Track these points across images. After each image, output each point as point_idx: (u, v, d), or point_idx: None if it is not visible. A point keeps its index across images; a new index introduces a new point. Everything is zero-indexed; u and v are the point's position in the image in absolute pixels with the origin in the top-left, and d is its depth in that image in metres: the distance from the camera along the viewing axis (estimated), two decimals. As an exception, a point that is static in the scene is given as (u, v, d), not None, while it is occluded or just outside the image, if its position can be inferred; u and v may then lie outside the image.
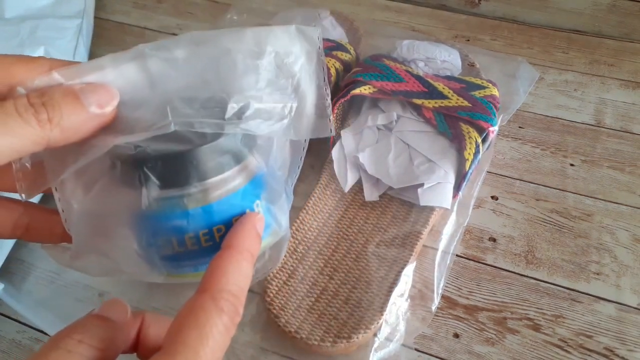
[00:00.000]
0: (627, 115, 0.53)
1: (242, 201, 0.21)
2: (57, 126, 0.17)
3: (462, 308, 0.41)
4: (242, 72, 0.20)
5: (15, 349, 0.40)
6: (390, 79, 0.46)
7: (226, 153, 0.20)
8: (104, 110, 0.18)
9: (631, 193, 0.47)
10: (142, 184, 0.19)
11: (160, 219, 0.20)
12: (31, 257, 0.45)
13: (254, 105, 0.20)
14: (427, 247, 0.43)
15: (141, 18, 0.70)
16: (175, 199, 0.20)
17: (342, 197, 0.45)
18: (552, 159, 0.50)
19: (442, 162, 0.43)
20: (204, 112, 0.19)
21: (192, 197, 0.20)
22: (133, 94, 0.19)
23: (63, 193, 0.21)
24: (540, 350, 0.38)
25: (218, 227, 0.20)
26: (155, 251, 0.20)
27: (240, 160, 0.21)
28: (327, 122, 0.23)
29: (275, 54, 0.21)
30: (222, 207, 0.20)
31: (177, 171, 0.19)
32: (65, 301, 0.42)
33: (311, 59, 0.22)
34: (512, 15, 0.66)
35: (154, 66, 0.19)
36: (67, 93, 0.18)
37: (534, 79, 0.53)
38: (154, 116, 0.19)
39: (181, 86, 0.20)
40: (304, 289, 0.40)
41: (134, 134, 0.18)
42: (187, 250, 0.20)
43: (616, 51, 0.60)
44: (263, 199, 0.22)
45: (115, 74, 0.19)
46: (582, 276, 0.42)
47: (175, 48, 0.19)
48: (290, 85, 0.22)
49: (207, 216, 0.20)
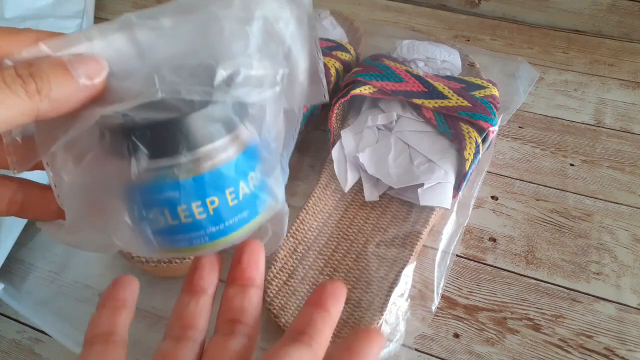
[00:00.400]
0: (627, 115, 0.53)
1: (236, 173, 0.20)
2: (46, 97, 0.17)
3: (462, 308, 0.41)
4: (231, 38, 0.20)
5: (15, 349, 0.40)
6: (390, 79, 0.46)
7: (216, 121, 0.20)
8: (93, 82, 0.18)
9: (631, 193, 0.47)
10: (131, 154, 0.19)
11: (151, 190, 0.19)
12: (31, 257, 0.45)
13: (244, 72, 0.20)
14: (427, 247, 0.43)
15: (141, 18, 0.69)
16: (165, 169, 0.19)
17: (342, 197, 0.45)
18: (552, 159, 0.50)
19: (442, 162, 0.43)
20: (192, 80, 0.19)
21: (183, 167, 0.19)
22: (121, 64, 0.19)
23: (54, 167, 0.20)
24: (540, 350, 0.38)
25: (211, 199, 0.20)
26: (147, 224, 0.20)
27: (232, 130, 0.20)
28: (320, 87, 0.22)
29: (264, 20, 0.20)
30: (215, 178, 0.20)
31: (166, 140, 0.19)
32: (65, 301, 0.42)
33: (302, 24, 0.21)
34: (512, 15, 0.66)
35: (142, 36, 0.19)
36: (56, 64, 0.17)
37: (534, 79, 0.53)
38: (142, 85, 0.18)
39: (169, 55, 0.19)
40: (304, 289, 0.40)
41: (122, 103, 0.18)
42: (180, 223, 0.20)
43: (616, 51, 0.60)
44: (257, 171, 0.21)
45: (103, 44, 0.19)
46: (582, 276, 0.42)
47: (162, 16, 0.19)
48: (280, 51, 0.21)
49: (199, 187, 0.19)
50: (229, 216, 0.20)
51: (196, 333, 0.22)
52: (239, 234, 0.21)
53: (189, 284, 0.23)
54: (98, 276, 0.44)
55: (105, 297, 0.23)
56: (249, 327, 0.22)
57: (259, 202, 0.21)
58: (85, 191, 0.21)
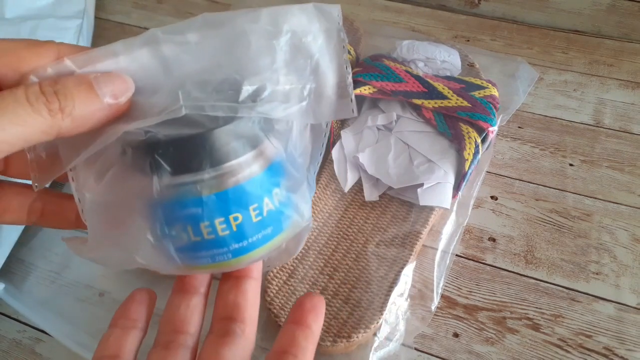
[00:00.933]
0: (627, 115, 0.53)
1: (260, 189, 0.20)
2: (69, 116, 0.17)
3: (461, 308, 0.41)
4: (257, 53, 0.19)
5: (16, 349, 0.40)
6: (390, 79, 0.47)
7: (240, 137, 0.19)
8: (118, 101, 0.18)
9: (630, 193, 0.47)
10: (153, 171, 0.19)
11: (173, 207, 0.19)
12: (31, 257, 0.45)
13: (270, 87, 0.19)
14: (426, 247, 0.43)
15: (141, 18, 0.70)
16: (188, 186, 0.19)
17: (342, 197, 0.45)
18: (552, 159, 0.50)
19: (441, 162, 0.43)
20: (217, 96, 0.19)
21: (206, 184, 0.19)
22: (146, 80, 0.19)
23: (77, 183, 0.20)
24: (540, 349, 0.38)
25: (234, 216, 0.19)
26: (170, 241, 0.20)
27: (256, 146, 0.20)
28: (348, 102, 0.22)
29: (292, 34, 0.20)
30: (238, 195, 0.19)
31: (188, 156, 0.19)
32: (66, 301, 0.42)
33: (331, 38, 0.21)
34: (511, 15, 0.66)
35: (167, 51, 0.19)
36: (81, 82, 0.17)
37: (533, 79, 0.53)
38: (166, 101, 0.18)
39: (195, 70, 0.19)
40: (304, 288, 0.40)
41: (145, 119, 0.18)
42: (203, 240, 0.20)
43: (615, 51, 0.60)
44: (282, 187, 0.21)
45: (129, 60, 0.18)
46: (581, 276, 0.42)
47: (188, 31, 0.19)
48: (308, 65, 0.21)
49: (222, 203, 0.19)
50: (253, 233, 0.20)
51: (187, 338, 0.21)
52: (262, 250, 0.21)
53: (179, 282, 0.23)
54: (98, 276, 0.44)
55: (117, 315, 0.22)
56: (245, 324, 0.21)
57: (284, 218, 0.21)
58: (107, 208, 0.20)
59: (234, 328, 0.21)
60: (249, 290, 0.22)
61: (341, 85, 0.22)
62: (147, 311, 0.22)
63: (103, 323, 0.40)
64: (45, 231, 0.47)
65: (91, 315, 0.41)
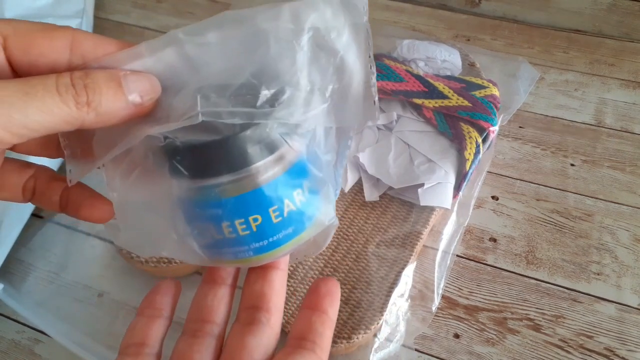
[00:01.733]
0: (628, 115, 0.53)
1: (280, 191, 0.20)
2: (94, 110, 0.17)
3: (462, 308, 0.40)
4: (277, 54, 0.19)
5: (15, 349, 0.40)
6: (391, 79, 0.46)
7: (258, 143, 0.19)
8: (143, 102, 0.18)
9: (632, 193, 0.47)
10: (172, 175, 0.19)
11: (194, 208, 0.20)
12: (30, 257, 0.45)
13: (289, 91, 0.19)
14: (427, 247, 0.43)
15: (141, 18, 0.69)
16: (206, 189, 0.19)
17: (342, 197, 0.45)
18: (553, 159, 0.50)
19: (442, 162, 0.43)
20: (235, 101, 0.19)
21: (224, 188, 0.19)
22: (170, 80, 0.19)
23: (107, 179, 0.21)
24: (541, 350, 0.38)
25: (254, 217, 0.20)
26: (193, 239, 0.20)
27: (275, 149, 0.20)
28: (372, 104, 0.20)
29: (314, 31, 0.19)
30: (257, 197, 0.19)
31: (206, 162, 0.19)
32: (65, 301, 0.42)
33: (356, 33, 0.20)
34: (512, 14, 0.65)
35: (189, 51, 0.19)
36: (111, 79, 0.17)
37: (534, 78, 0.53)
38: (186, 104, 0.18)
39: (215, 72, 0.19)
40: (304, 289, 0.40)
41: (164, 124, 0.18)
42: (225, 238, 0.20)
43: (616, 51, 0.60)
44: (304, 188, 0.21)
45: (154, 60, 0.18)
46: (582, 276, 0.42)
47: (208, 31, 0.19)
48: (331, 64, 0.20)
49: (241, 206, 0.19)
50: (273, 233, 0.20)
51: (214, 327, 0.22)
52: (284, 248, 0.21)
53: (208, 273, 0.23)
54: (97, 276, 0.43)
55: (143, 304, 0.23)
56: (271, 313, 0.21)
57: (306, 218, 0.21)
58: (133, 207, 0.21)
59: (259, 317, 0.21)
60: (275, 280, 0.22)
61: (365, 86, 0.20)
62: (172, 301, 0.23)
63: (102, 323, 0.41)
64: (44, 231, 0.46)
65: (90, 315, 0.41)
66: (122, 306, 0.42)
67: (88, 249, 0.45)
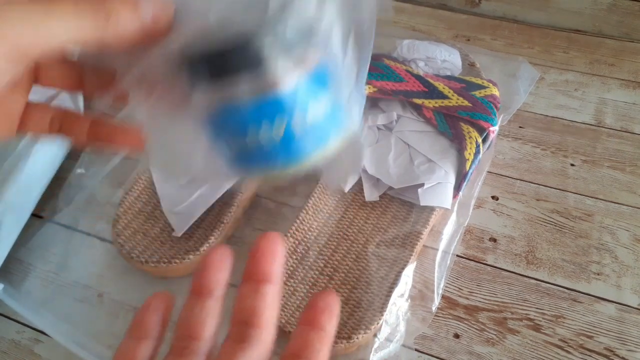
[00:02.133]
0: (628, 115, 0.53)
1: (301, 96, 0.20)
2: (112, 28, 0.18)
3: (462, 308, 0.40)
4: None
5: (15, 349, 0.40)
6: (391, 79, 0.46)
7: (274, 43, 0.19)
8: (158, 23, 0.19)
9: (632, 193, 0.47)
10: (194, 84, 0.20)
11: (217, 118, 0.20)
12: (30, 257, 0.45)
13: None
14: (427, 247, 0.43)
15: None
16: (227, 98, 0.20)
17: (342, 197, 0.45)
18: (553, 159, 0.50)
19: (442, 162, 0.43)
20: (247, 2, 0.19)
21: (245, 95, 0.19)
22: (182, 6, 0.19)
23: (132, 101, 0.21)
24: (541, 350, 0.38)
25: (277, 123, 0.20)
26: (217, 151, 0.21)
27: (292, 51, 0.20)
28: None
29: None
30: (279, 102, 0.20)
31: (226, 68, 0.19)
32: (65, 301, 0.42)
33: None
34: (512, 15, 0.65)
35: None
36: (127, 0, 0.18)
37: (534, 78, 0.53)
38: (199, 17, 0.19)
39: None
40: (304, 289, 0.40)
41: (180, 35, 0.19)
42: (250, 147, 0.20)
43: (616, 51, 0.60)
44: (327, 96, 0.21)
45: None
46: (582, 276, 0.42)
47: None
48: None
49: (263, 110, 0.20)
50: (298, 141, 0.20)
51: (200, 344, 0.21)
52: (311, 160, 0.21)
53: (194, 284, 0.23)
54: (97, 276, 0.43)
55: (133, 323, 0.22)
56: (263, 329, 0.21)
57: (330, 128, 0.21)
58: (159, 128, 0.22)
59: (250, 333, 0.21)
60: (267, 294, 0.22)
61: None
62: (162, 319, 0.22)
63: (102, 323, 0.41)
64: (44, 231, 0.46)
65: (90, 315, 0.41)
66: (122, 306, 0.42)
67: (88, 249, 0.45)
